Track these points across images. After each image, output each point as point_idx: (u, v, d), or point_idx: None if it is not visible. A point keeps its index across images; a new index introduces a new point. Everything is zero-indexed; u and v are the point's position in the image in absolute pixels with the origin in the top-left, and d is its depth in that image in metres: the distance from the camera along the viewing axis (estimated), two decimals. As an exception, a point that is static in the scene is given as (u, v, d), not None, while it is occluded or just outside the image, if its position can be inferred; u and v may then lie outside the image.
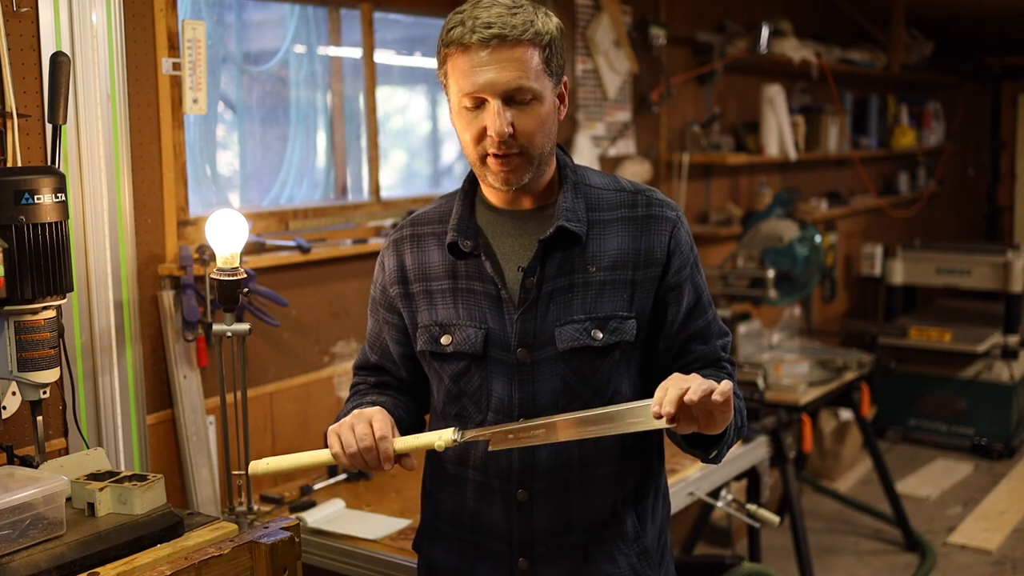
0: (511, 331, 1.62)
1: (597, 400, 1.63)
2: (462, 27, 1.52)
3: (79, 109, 2.21)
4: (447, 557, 1.75)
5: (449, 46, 1.55)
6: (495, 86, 1.52)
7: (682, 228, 1.68)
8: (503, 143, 1.54)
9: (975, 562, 4.15)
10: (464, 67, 1.53)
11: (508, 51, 1.51)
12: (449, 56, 1.56)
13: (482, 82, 1.52)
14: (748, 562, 2.95)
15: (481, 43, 1.51)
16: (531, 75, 1.53)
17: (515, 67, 1.52)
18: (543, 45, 1.55)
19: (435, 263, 1.69)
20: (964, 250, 5.92)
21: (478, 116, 1.55)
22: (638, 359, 1.68)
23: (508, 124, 1.53)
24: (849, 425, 4.98)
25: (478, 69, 1.52)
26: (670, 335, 1.68)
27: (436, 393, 1.74)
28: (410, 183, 3.59)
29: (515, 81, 1.52)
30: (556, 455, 1.64)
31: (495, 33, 1.51)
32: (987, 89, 6.97)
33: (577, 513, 1.66)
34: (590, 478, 1.66)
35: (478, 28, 1.51)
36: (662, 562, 1.76)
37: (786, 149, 4.76)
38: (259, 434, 2.73)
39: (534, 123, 1.55)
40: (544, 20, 1.56)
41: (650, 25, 4.11)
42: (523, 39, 1.52)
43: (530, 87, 1.53)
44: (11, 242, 1.76)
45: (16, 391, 1.93)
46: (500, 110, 1.52)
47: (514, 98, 1.53)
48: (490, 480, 1.67)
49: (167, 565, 1.65)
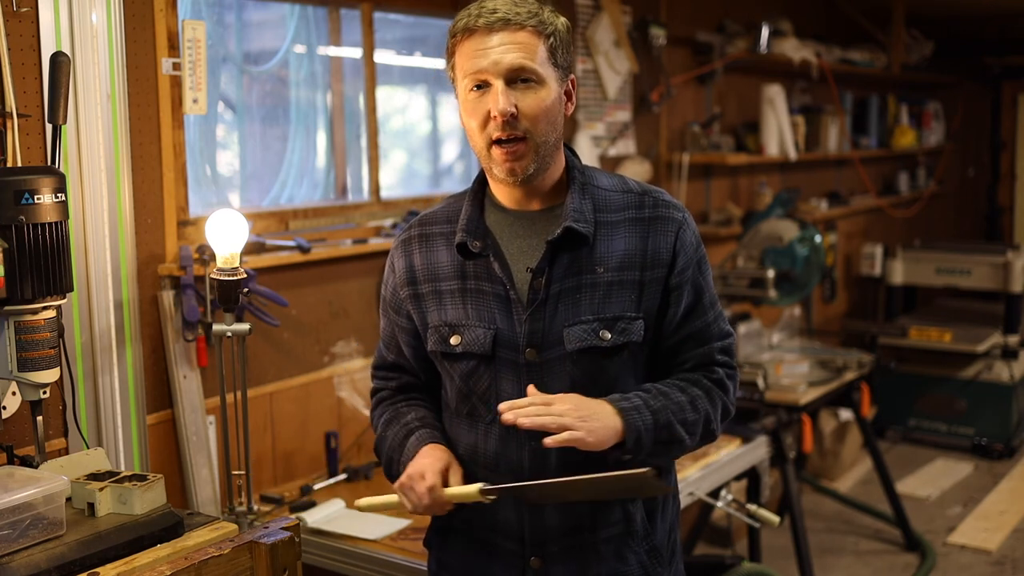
0: (520, 331, 1.63)
1: None
2: (469, 16, 1.59)
3: (79, 109, 2.21)
4: (459, 556, 1.76)
5: (456, 35, 1.60)
6: (498, 65, 1.55)
7: (688, 229, 1.68)
8: (507, 123, 1.56)
9: (975, 562, 4.15)
10: (470, 51, 1.58)
11: (512, 34, 1.56)
12: (456, 45, 1.60)
13: (486, 63, 1.56)
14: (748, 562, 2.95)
15: (487, 26, 1.56)
16: (534, 58, 1.57)
17: (518, 49, 1.56)
18: (547, 34, 1.59)
19: (444, 263, 1.69)
20: (964, 250, 5.92)
21: (482, 100, 1.58)
22: (645, 358, 1.69)
23: (511, 104, 1.55)
24: (849, 425, 4.98)
25: (483, 51, 1.56)
26: (667, 334, 1.69)
27: (449, 391, 1.75)
28: (410, 183, 3.59)
29: (518, 61, 1.56)
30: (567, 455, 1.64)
31: (500, 17, 1.56)
32: (987, 89, 6.97)
33: (587, 512, 1.67)
34: None
35: (484, 13, 1.57)
36: (672, 560, 1.77)
37: (786, 149, 4.76)
38: (259, 434, 2.73)
39: (537, 106, 1.57)
40: (550, 15, 1.61)
41: (650, 25, 4.12)
42: (527, 24, 1.57)
43: (533, 69, 1.57)
44: (11, 242, 1.76)
45: (16, 391, 1.93)
46: (503, 89, 1.56)
47: (517, 80, 1.56)
48: (502, 479, 1.67)
49: (167, 565, 1.65)
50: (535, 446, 1.63)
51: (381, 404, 1.84)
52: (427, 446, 1.67)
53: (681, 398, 1.65)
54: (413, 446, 1.69)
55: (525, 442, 1.64)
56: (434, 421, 1.77)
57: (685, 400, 1.65)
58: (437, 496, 1.59)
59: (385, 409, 1.82)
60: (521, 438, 1.64)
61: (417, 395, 1.83)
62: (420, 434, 1.71)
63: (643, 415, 1.58)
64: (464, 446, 1.71)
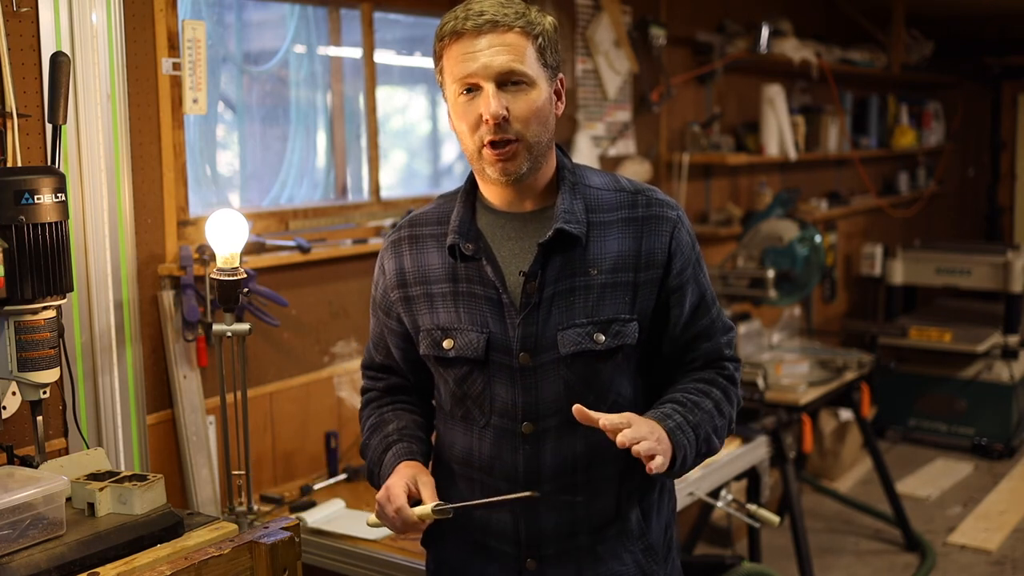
0: (513, 335, 1.62)
1: (600, 403, 1.63)
2: (455, 20, 1.57)
3: (79, 109, 2.21)
4: (456, 557, 1.76)
5: (443, 39, 1.58)
6: (488, 69, 1.54)
7: (683, 228, 1.67)
8: (498, 127, 1.54)
9: (975, 562, 4.15)
10: (458, 54, 1.56)
11: (501, 36, 1.55)
12: (444, 48, 1.58)
13: (475, 67, 1.54)
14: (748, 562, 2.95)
15: (475, 29, 1.54)
16: (524, 60, 1.56)
17: (508, 51, 1.55)
18: (535, 35, 1.58)
19: (435, 265, 1.68)
20: (964, 250, 5.92)
21: (473, 103, 1.56)
22: (639, 359, 1.68)
23: (503, 107, 1.54)
24: (849, 425, 4.98)
25: (472, 54, 1.55)
26: (675, 336, 1.68)
27: (443, 394, 1.74)
28: (410, 183, 3.59)
29: (508, 64, 1.54)
30: (561, 457, 1.64)
31: (488, 19, 1.54)
32: (987, 89, 6.97)
33: (583, 515, 1.67)
34: (595, 479, 1.66)
35: (471, 16, 1.55)
36: (668, 557, 1.77)
37: (786, 149, 4.76)
38: (259, 434, 2.73)
39: (528, 108, 1.56)
40: (537, 15, 1.60)
41: (650, 25, 4.11)
42: (515, 26, 1.56)
43: (523, 71, 1.55)
44: (11, 242, 1.76)
45: (16, 391, 1.93)
46: (494, 92, 1.54)
47: (508, 82, 1.55)
48: (496, 482, 1.67)
49: (167, 565, 1.65)
50: (529, 450, 1.63)
51: (369, 405, 1.84)
52: (400, 464, 1.67)
53: (709, 405, 1.66)
54: (389, 465, 1.70)
55: (520, 445, 1.64)
56: (415, 430, 1.77)
57: (712, 407, 1.66)
58: (405, 517, 1.59)
59: (372, 412, 1.82)
60: (516, 442, 1.64)
61: (405, 397, 1.83)
62: (396, 449, 1.71)
63: (687, 433, 1.59)
64: (459, 449, 1.71)
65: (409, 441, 1.73)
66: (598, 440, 1.59)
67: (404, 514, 1.59)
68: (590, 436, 1.62)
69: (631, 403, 1.67)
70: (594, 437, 1.61)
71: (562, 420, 1.62)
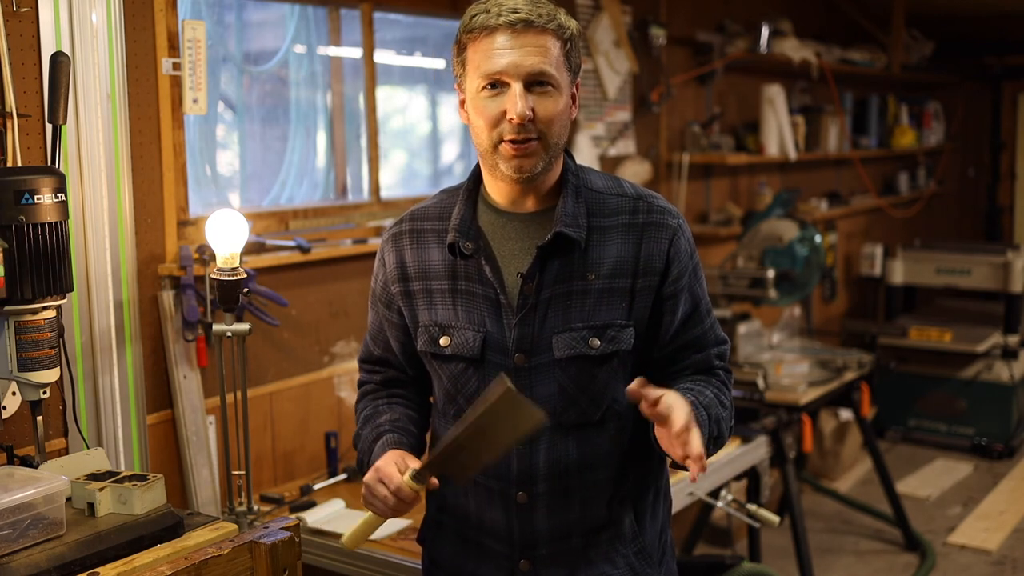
0: (509, 336, 1.62)
1: (594, 407, 1.63)
2: (487, 13, 1.55)
3: (79, 109, 2.21)
4: (451, 556, 1.76)
5: (472, 31, 1.56)
6: (519, 68, 1.53)
7: (682, 236, 1.67)
8: (522, 127, 1.54)
9: (975, 562, 4.15)
10: (487, 49, 1.55)
11: (533, 37, 1.54)
12: (471, 41, 1.57)
13: (505, 63, 1.53)
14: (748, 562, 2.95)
15: (508, 26, 1.53)
16: (553, 63, 1.55)
17: (539, 52, 1.54)
18: (564, 38, 1.58)
19: (435, 262, 1.68)
20: (964, 250, 5.92)
21: (496, 100, 1.55)
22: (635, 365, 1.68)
23: (529, 108, 1.53)
24: (849, 425, 4.98)
25: (502, 51, 1.54)
26: (663, 344, 1.68)
27: (437, 390, 1.74)
28: (410, 183, 3.59)
29: (538, 65, 1.54)
30: (555, 459, 1.64)
31: (522, 17, 1.53)
32: (987, 89, 6.96)
33: (576, 517, 1.67)
34: (589, 482, 1.66)
35: (504, 12, 1.54)
36: (662, 560, 1.76)
37: (786, 149, 4.76)
38: (259, 434, 2.73)
39: (553, 111, 1.56)
40: (566, 18, 1.59)
41: (650, 25, 4.12)
42: (548, 27, 1.55)
43: (552, 74, 1.55)
44: (11, 242, 1.76)
45: (16, 391, 1.92)
46: (522, 92, 1.53)
47: (535, 83, 1.54)
48: (489, 481, 1.67)
49: (167, 565, 1.65)
50: (522, 450, 1.63)
51: (365, 398, 1.84)
52: (389, 451, 1.66)
53: (710, 393, 1.65)
54: (377, 453, 1.69)
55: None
56: (407, 424, 1.76)
57: (713, 396, 1.65)
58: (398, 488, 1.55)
59: (367, 404, 1.82)
60: None
61: (400, 391, 1.82)
62: (386, 439, 1.71)
63: (699, 413, 1.56)
64: None
65: (400, 433, 1.72)
66: (591, 443, 1.59)
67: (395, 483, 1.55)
68: (583, 439, 1.62)
69: (626, 407, 1.67)
70: (587, 440, 1.61)
71: (556, 422, 1.62)
